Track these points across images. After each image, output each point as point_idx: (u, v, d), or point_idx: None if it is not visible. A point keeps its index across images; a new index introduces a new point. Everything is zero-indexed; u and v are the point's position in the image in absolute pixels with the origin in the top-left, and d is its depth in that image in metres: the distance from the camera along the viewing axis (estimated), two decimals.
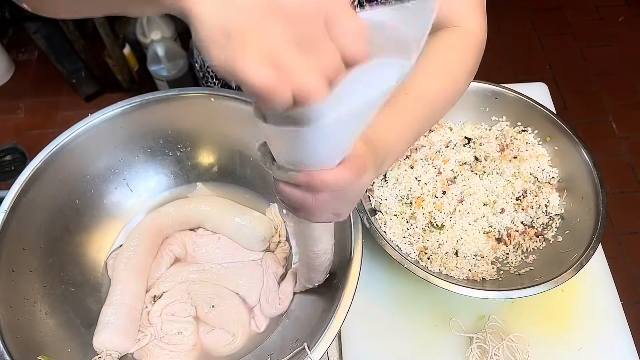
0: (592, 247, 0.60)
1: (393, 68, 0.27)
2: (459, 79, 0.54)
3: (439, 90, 0.52)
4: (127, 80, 1.73)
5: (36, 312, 0.56)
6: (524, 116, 0.74)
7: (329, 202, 0.36)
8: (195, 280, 0.63)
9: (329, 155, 0.32)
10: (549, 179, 0.71)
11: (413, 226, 0.67)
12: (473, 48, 0.55)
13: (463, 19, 0.55)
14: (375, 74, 0.26)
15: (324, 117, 0.27)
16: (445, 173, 0.71)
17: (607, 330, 0.64)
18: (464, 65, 0.54)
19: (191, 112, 0.66)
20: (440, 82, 0.52)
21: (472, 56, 0.55)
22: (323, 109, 0.26)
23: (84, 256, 0.64)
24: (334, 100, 0.26)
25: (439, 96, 0.52)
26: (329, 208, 0.37)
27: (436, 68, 0.52)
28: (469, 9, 0.56)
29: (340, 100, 0.26)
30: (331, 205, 0.36)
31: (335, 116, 0.27)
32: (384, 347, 0.63)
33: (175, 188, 0.72)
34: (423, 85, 0.50)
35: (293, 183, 0.34)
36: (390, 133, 0.46)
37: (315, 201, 0.35)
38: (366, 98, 0.27)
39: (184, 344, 0.59)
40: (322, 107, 0.26)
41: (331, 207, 0.37)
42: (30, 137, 1.69)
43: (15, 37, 1.93)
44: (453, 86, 0.53)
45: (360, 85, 0.26)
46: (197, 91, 0.64)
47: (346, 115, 0.27)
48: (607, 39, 1.95)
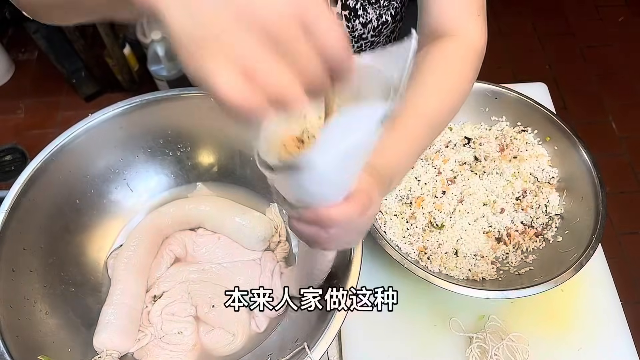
0: (592, 247, 0.60)
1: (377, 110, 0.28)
2: (458, 91, 0.53)
3: (438, 106, 0.51)
4: (127, 80, 1.73)
5: (36, 312, 0.56)
6: (523, 116, 0.74)
7: (341, 234, 0.37)
8: (195, 280, 0.63)
9: (332, 193, 0.34)
10: (548, 179, 0.71)
11: (413, 226, 0.67)
12: (472, 58, 0.55)
13: (462, 28, 0.55)
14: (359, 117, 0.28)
15: (316, 162, 0.28)
16: (445, 173, 0.71)
17: (607, 330, 0.64)
18: (463, 77, 0.54)
19: (191, 112, 0.66)
20: (440, 96, 0.52)
21: (471, 67, 0.54)
22: (312, 156, 0.27)
23: (84, 256, 0.65)
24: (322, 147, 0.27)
25: (439, 111, 0.52)
26: (342, 240, 0.39)
27: (435, 82, 0.52)
28: (469, 16, 0.55)
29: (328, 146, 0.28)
30: (344, 236, 0.38)
31: (326, 160, 0.28)
32: (384, 347, 0.63)
33: (175, 188, 0.72)
34: (422, 102, 0.50)
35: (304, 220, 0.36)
36: (393, 156, 0.46)
37: (328, 236, 0.36)
38: (354, 140, 0.28)
39: (184, 344, 0.59)
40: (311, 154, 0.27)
41: (344, 238, 0.39)
42: (31, 137, 1.69)
43: (15, 37, 1.93)
44: (452, 99, 0.53)
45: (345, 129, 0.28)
46: (197, 91, 0.64)
47: (337, 158, 0.28)
48: (607, 39, 1.95)
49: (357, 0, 0.63)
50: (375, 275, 0.67)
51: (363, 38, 0.68)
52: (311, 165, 0.28)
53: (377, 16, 0.65)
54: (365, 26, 0.66)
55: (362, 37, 0.67)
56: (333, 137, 0.28)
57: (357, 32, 0.66)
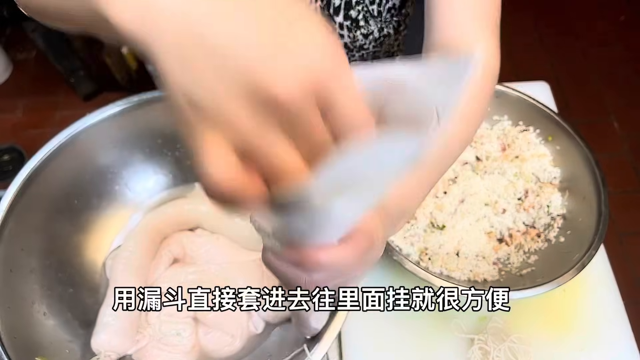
0: (594, 247, 0.59)
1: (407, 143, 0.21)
2: (475, 119, 0.47)
3: (453, 136, 0.45)
4: (126, 79, 1.73)
5: (34, 312, 0.55)
6: (525, 115, 0.74)
7: (327, 281, 0.30)
8: (194, 280, 0.63)
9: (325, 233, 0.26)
10: (550, 179, 0.71)
11: (414, 227, 0.66)
12: (489, 83, 0.49)
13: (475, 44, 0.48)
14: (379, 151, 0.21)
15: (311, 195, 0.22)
16: (446, 173, 0.71)
17: (610, 330, 0.64)
18: (480, 105, 0.47)
19: None
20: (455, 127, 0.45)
21: (487, 93, 0.48)
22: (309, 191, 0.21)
23: (82, 257, 0.64)
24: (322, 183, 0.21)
25: (454, 141, 0.45)
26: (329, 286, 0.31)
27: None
28: (482, 32, 0.48)
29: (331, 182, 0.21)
30: (331, 284, 0.31)
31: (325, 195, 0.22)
32: (385, 349, 0.62)
33: (173, 188, 0.71)
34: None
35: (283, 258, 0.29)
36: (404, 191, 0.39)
37: (310, 281, 0.29)
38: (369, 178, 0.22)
39: (183, 345, 0.59)
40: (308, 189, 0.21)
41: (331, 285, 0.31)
42: (28, 137, 1.69)
43: (13, 36, 1.92)
44: (469, 128, 0.47)
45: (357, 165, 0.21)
46: None
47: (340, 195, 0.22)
48: (608, 38, 1.95)
49: (359, 11, 0.61)
50: (375, 275, 0.67)
51: (364, 48, 0.66)
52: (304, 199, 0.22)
53: (379, 29, 0.64)
54: (366, 37, 0.64)
55: (363, 47, 0.66)
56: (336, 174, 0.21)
57: (358, 43, 0.65)
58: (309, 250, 0.26)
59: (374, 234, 0.30)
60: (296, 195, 0.21)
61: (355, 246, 0.28)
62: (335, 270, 0.28)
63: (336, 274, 0.29)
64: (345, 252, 0.27)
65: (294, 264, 0.28)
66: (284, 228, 0.27)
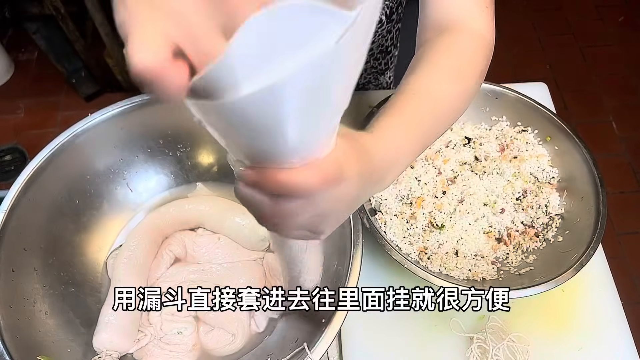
0: (593, 247, 0.60)
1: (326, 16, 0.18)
2: (468, 83, 0.48)
3: (446, 92, 0.45)
4: (128, 80, 1.73)
5: (36, 312, 0.56)
6: (524, 116, 0.74)
7: (296, 212, 0.28)
8: (195, 280, 0.63)
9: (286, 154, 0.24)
10: (549, 179, 0.71)
11: (413, 226, 0.67)
12: (484, 49, 0.50)
13: (470, 20, 0.50)
14: (296, 24, 0.18)
15: (238, 86, 0.19)
16: (446, 173, 0.71)
17: (608, 330, 0.64)
18: (474, 70, 0.48)
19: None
20: (448, 84, 0.45)
21: (483, 57, 0.49)
22: (228, 73, 0.18)
23: (83, 256, 0.64)
24: (242, 63, 0.18)
25: (447, 99, 0.45)
26: (299, 221, 0.29)
27: (449, 65, 0.46)
28: (477, 7, 0.50)
29: (253, 65, 0.19)
30: (301, 217, 0.29)
31: (256, 86, 0.19)
32: (384, 347, 0.63)
33: (175, 188, 0.72)
34: (428, 85, 0.44)
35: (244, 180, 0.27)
36: (391, 137, 0.38)
37: (278, 209, 0.28)
38: (297, 63, 0.19)
39: (184, 344, 0.59)
40: (223, 70, 0.18)
41: (302, 220, 0.29)
42: (30, 137, 1.69)
43: (15, 37, 1.93)
44: (462, 90, 0.47)
45: (277, 41, 0.18)
46: None
47: (275, 85, 0.19)
48: (607, 39, 1.95)
49: None
50: (375, 275, 0.67)
51: None
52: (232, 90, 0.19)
53: None
54: None
55: None
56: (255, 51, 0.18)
57: None
58: (268, 170, 0.25)
59: (343, 165, 0.28)
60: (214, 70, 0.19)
61: (320, 171, 0.26)
62: (297, 193, 0.26)
63: (304, 204, 0.28)
64: (306, 174, 0.25)
65: (252, 184, 0.27)
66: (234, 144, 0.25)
